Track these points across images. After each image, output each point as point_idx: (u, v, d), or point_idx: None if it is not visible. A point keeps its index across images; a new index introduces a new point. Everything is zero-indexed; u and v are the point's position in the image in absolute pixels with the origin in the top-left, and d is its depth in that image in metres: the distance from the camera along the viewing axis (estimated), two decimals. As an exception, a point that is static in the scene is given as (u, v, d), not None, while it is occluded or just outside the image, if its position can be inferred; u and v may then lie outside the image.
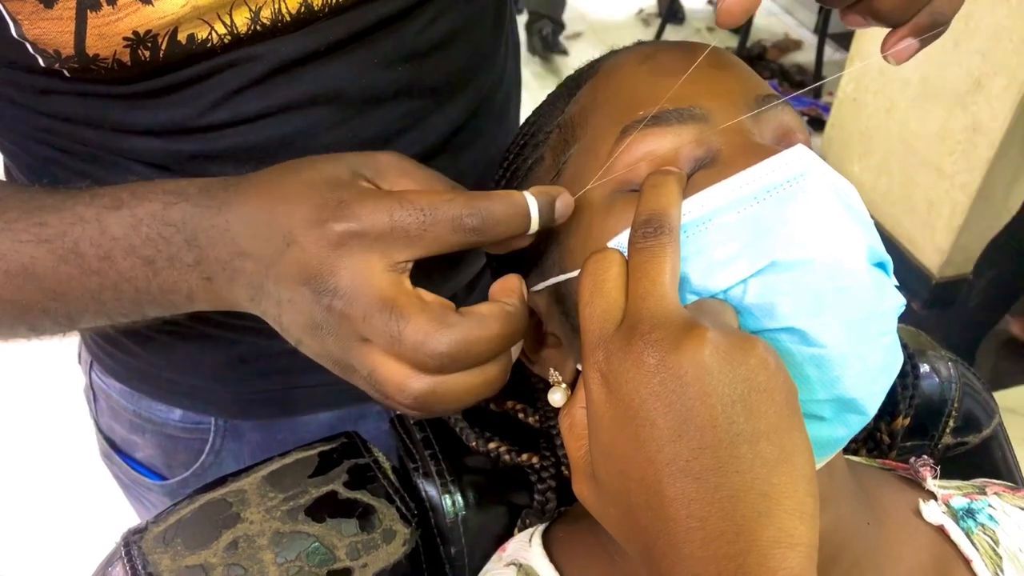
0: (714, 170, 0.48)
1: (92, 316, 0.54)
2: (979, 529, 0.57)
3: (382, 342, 0.45)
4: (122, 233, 0.50)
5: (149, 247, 0.50)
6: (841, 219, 0.44)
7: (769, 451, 0.37)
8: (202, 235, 0.49)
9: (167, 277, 0.50)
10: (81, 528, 1.91)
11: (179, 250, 0.49)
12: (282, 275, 0.47)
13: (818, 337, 0.43)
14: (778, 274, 0.43)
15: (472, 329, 0.45)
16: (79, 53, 0.51)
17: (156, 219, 0.50)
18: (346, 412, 0.80)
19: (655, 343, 0.39)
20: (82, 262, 0.51)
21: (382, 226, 0.45)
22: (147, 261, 0.50)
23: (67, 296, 0.52)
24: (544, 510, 0.58)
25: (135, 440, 0.82)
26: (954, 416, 0.70)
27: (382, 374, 0.46)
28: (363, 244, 0.45)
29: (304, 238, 0.46)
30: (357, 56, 0.60)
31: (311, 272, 0.45)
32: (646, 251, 0.43)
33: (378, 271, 0.45)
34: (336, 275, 0.45)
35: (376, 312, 0.45)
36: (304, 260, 0.46)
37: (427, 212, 0.46)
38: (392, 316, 0.44)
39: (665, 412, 0.38)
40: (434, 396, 0.46)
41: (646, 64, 0.53)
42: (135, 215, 0.50)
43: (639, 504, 0.39)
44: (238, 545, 0.55)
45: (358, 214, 0.45)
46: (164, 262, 0.50)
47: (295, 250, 0.46)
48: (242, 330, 0.71)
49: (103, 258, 0.50)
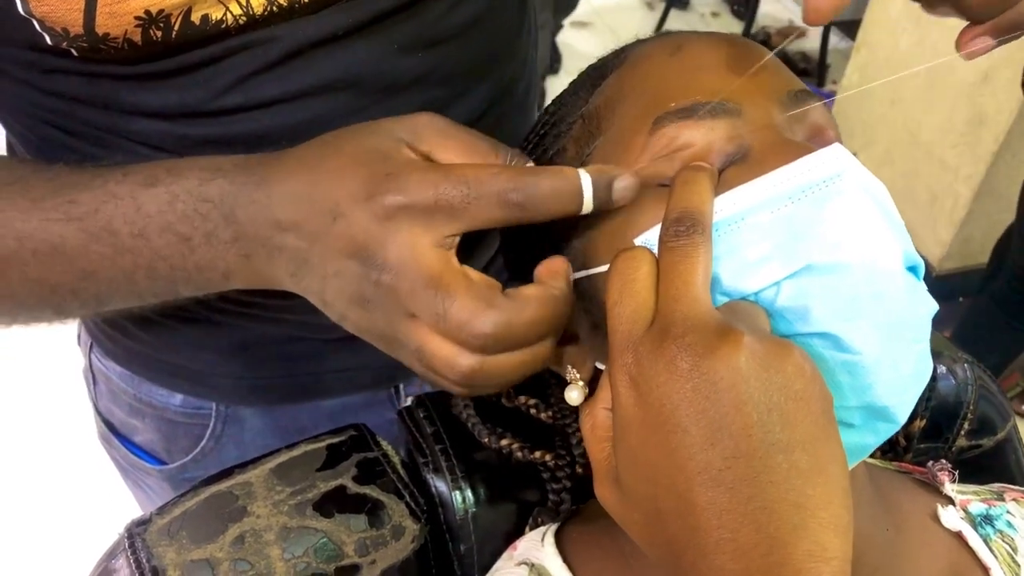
0: (745, 166, 0.46)
1: (122, 297, 0.53)
2: (997, 536, 0.56)
3: (428, 318, 0.45)
4: (157, 210, 0.49)
5: (185, 224, 0.48)
6: (878, 222, 0.43)
7: (804, 461, 0.36)
8: (241, 211, 0.48)
9: (204, 254, 0.49)
10: (78, 511, 1.89)
11: (216, 226, 0.48)
12: (328, 249, 0.46)
13: (852, 343, 0.41)
14: (813, 277, 0.42)
15: (517, 311, 0.45)
16: (88, 32, 0.49)
17: (193, 195, 0.48)
18: (350, 400, 0.79)
19: (688, 347, 0.38)
20: (115, 240, 0.49)
21: (427, 200, 0.44)
22: (183, 238, 0.49)
23: (97, 276, 0.51)
24: (559, 510, 0.57)
25: (134, 424, 0.81)
26: (969, 419, 0.69)
27: (430, 350, 0.45)
28: (410, 217, 0.44)
29: (352, 211, 0.45)
30: (376, 41, 0.59)
31: (359, 245, 0.45)
32: (678, 250, 0.42)
33: (425, 246, 0.45)
34: (385, 249, 0.44)
35: (422, 288, 0.44)
36: (352, 233, 0.45)
37: (471, 186, 0.45)
38: (438, 294, 0.44)
39: (698, 419, 0.37)
40: (482, 374, 0.46)
41: (676, 55, 0.51)
42: (171, 191, 0.49)
43: (667, 512, 0.38)
44: (245, 539, 0.53)
45: (405, 187, 0.44)
46: (201, 239, 0.49)
47: (342, 223, 0.45)
48: (247, 316, 0.70)
49: (137, 236, 0.49)
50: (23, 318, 0.56)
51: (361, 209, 0.45)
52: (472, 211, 0.45)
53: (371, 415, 0.79)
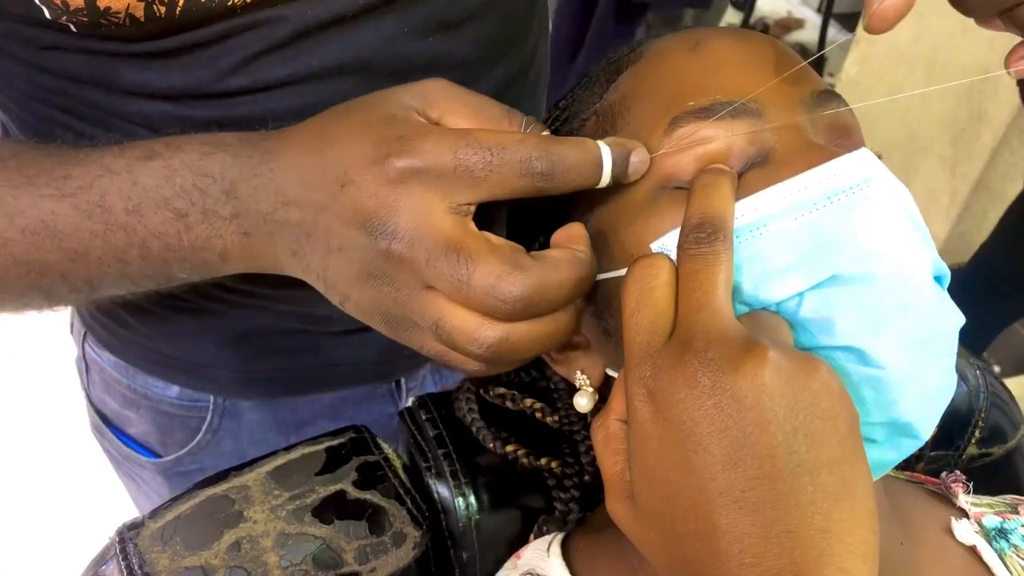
0: (768, 170, 0.45)
1: (114, 280, 0.51)
2: (1012, 551, 0.55)
3: (448, 288, 0.42)
4: (154, 184, 0.46)
5: (183, 199, 0.46)
6: (906, 231, 0.42)
7: (831, 484, 0.35)
8: (242, 185, 0.45)
9: (200, 232, 0.47)
10: (69, 503, 1.87)
11: (215, 202, 0.46)
12: (334, 219, 0.43)
13: (878, 357, 0.40)
14: (838, 288, 0.40)
15: (546, 272, 0.43)
16: (89, 5, 0.47)
17: (192, 169, 0.46)
18: (349, 393, 0.77)
19: (710, 362, 0.36)
20: (108, 217, 0.47)
21: (445, 164, 0.42)
22: (179, 215, 0.46)
23: (88, 256, 0.48)
24: (566, 520, 0.55)
25: (128, 415, 0.79)
26: (980, 427, 0.68)
27: (451, 323, 0.42)
28: (424, 182, 0.42)
29: (360, 177, 0.42)
30: (387, 23, 0.56)
31: (367, 212, 0.42)
32: (699, 258, 0.40)
33: (440, 211, 0.42)
34: (395, 215, 0.42)
35: (442, 255, 0.41)
36: (359, 200, 0.42)
37: (494, 152, 0.42)
38: (460, 259, 0.41)
39: (720, 438, 0.35)
40: (508, 344, 0.43)
41: (695, 51, 0.49)
42: (169, 165, 0.46)
43: (686, 533, 0.36)
44: (241, 546, 0.52)
45: (420, 149, 0.42)
46: (198, 215, 0.46)
47: (350, 190, 0.42)
48: (247, 306, 0.68)
49: (131, 212, 0.47)
50: (11, 304, 0.54)
51: (371, 173, 0.42)
52: (494, 179, 0.42)
53: (371, 409, 0.77)
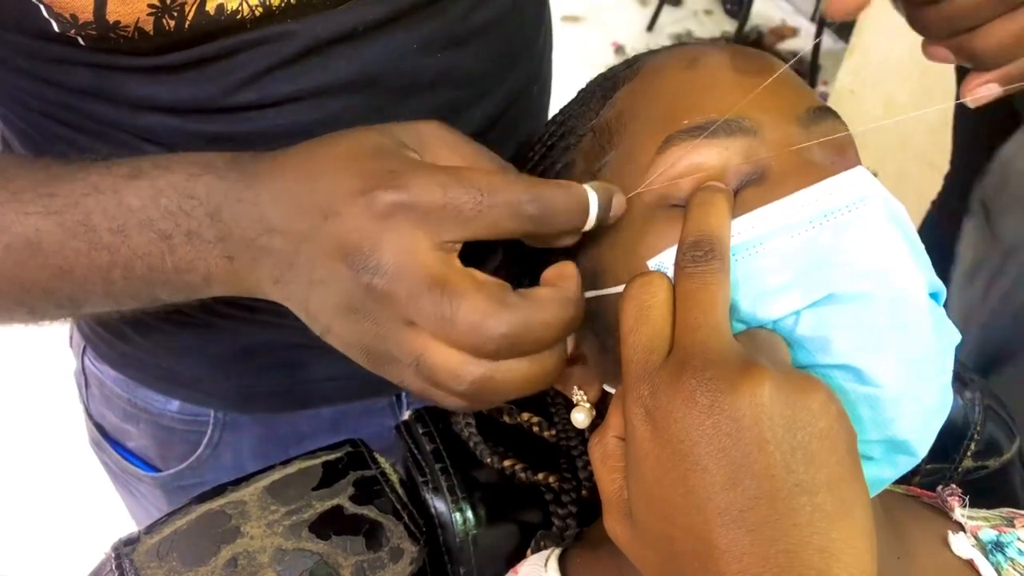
0: (764, 188, 0.45)
1: (99, 298, 0.50)
2: (1009, 564, 0.55)
3: (431, 325, 0.41)
4: (139, 205, 0.46)
5: (168, 220, 0.46)
6: (902, 250, 0.42)
7: (829, 503, 0.35)
8: (227, 209, 0.45)
9: (184, 255, 0.46)
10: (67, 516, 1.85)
11: (200, 225, 0.45)
12: (316, 251, 0.43)
13: (875, 376, 0.40)
14: (835, 307, 0.40)
15: (533, 311, 0.42)
16: (98, 19, 0.47)
17: (178, 191, 0.46)
18: (350, 407, 0.77)
19: (708, 381, 0.36)
20: (92, 236, 0.47)
21: (434, 201, 0.41)
22: (164, 236, 0.46)
23: (73, 274, 0.48)
24: (564, 536, 0.55)
25: (128, 429, 0.79)
26: (976, 440, 0.68)
27: (432, 360, 0.42)
28: (411, 219, 0.41)
29: (346, 209, 0.42)
30: (397, 40, 0.56)
31: (350, 246, 0.41)
32: (696, 277, 0.40)
33: (424, 248, 0.41)
34: (379, 250, 0.41)
35: (425, 291, 0.41)
36: (343, 233, 0.42)
37: (485, 193, 0.42)
38: (444, 295, 0.40)
39: (718, 457, 0.36)
40: (491, 383, 0.42)
41: (691, 69, 0.50)
42: (155, 186, 0.46)
43: (684, 553, 0.37)
44: (238, 562, 0.52)
45: (409, 185, 0.41)
46: (182, 237, 0.46)
47: (334, 222, 0.42)
48: (248, 321, 0.68)
49: (116, 232, 0.46)
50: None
51: (356, 206, 0.41)
52: (483, 219, 0.42)
53: (372, 422, 0.77)
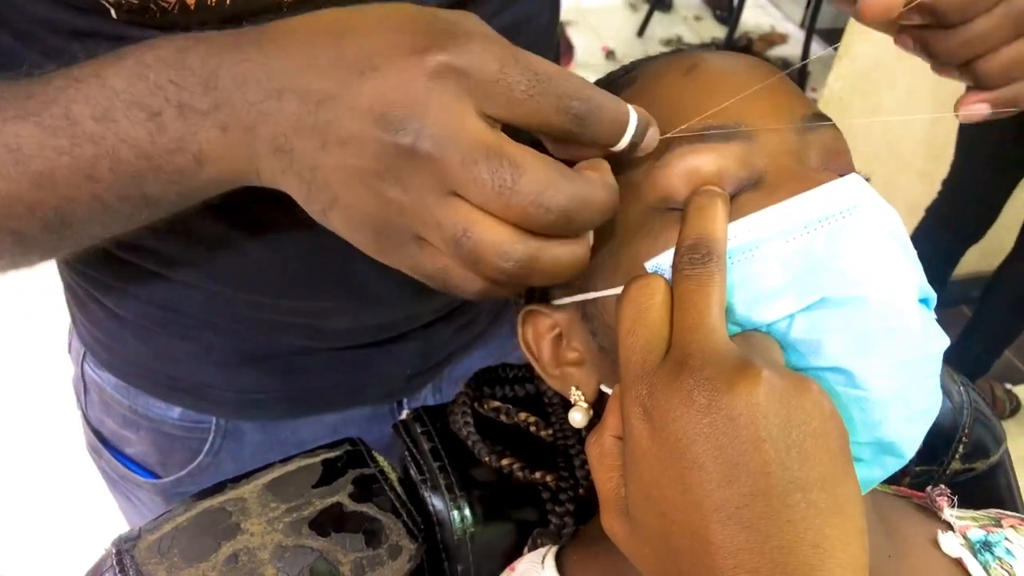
0: (760, 193, 0.46)
1: (85, 207, 0.46)
2: (996, 563, 0.56)
3: (485, 193, 0.38)
4: (124, 85, 0.42)
5: (156, 95, 0.42)
6: (894, 256, 0.43)
7: (823, 500, 0.36)
8: (225, 73, 0.41)
9: (174, 132, 0.42)
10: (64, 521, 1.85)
11: (192, 96, 0.42)
12: (343, 109, 0.39)
13: (865, 379, 0.41)
14: (828, 311, 0.41)
15: (589, 188, 0.40)
16: None
17: (167, 63, 0.42)
18: (350, 414, 0.78)
19: (705, 381, 0.37)
20: (75, 129, 0.43)
21: (489, 73, 0.38)
22: (152, 114, 0.42)
23: (55, 178, 0.44)
24: (561, 534, 0.56)
25: (127, 435, 0.79)
26: (964, 442, 0.69)
27: (479, 234, 0.39)
28: (461, 85, 0.38)
29: (390, 65, 0.38)
30: None
31: (390, 104, 0.38)
32: (694, 279, 0.41)
33: (473, 116, 0.39)
34: (425, 111, 0.38)
35: (481, 157, 0.38)
36: (383, 90, 0.38)
37: (540, 79, 0.39)
38: (504, 161, 0.38)
39: (715, 455, 0.36)
40: (537, 264, 0.40)
41: (689, 75, 0.51)
42: (142, 61, 0.43)
43: (681, 549, 0.37)
44: (239, 558, 0.52)
45: (467, 50, 0.38)
46: (173, 112, 0.42)
47: (372, 78, 0.38)
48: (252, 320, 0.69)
49: (100, 118, 0.43)
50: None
51: (404, 63, 0.38)
52: (530, 105, 0.39)
53: (372, 429, 0.77)
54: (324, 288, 0.67)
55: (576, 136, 0.41)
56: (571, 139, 0.42)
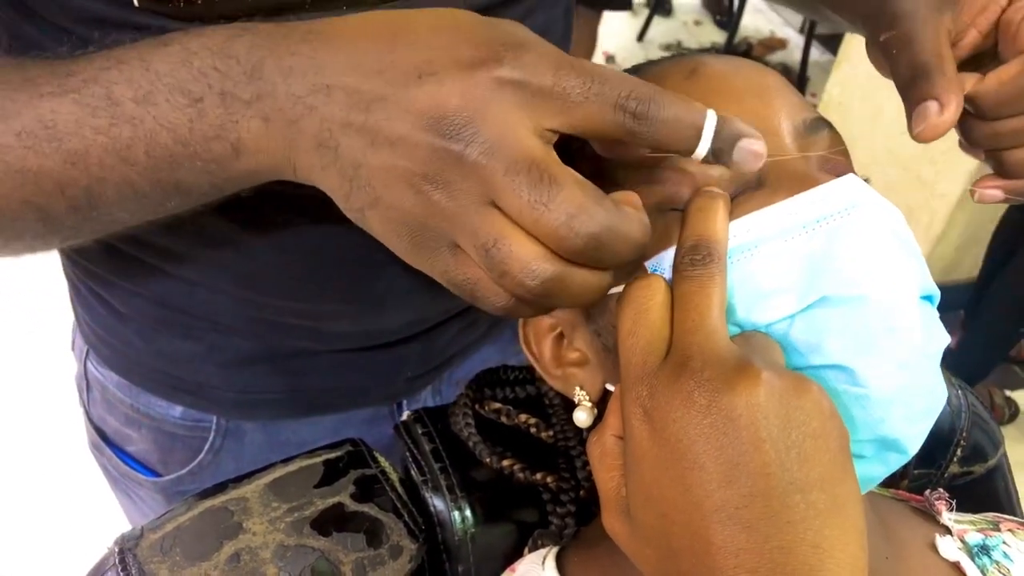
0: (760, 193, 0.46)
1: (115, 191, 0.46)
2: (994, 567, 0.56)
3: (523, 208, 0.38)
4: (168, 69, 0.42)
5: (199, 82, 0.42)
6: (895, 254, 0.43)
7: (822, 501, 0.36)
8: (272, 65, 0.41)
9: (214, 119, 0.42)
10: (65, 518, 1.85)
11: (236, 84, 0.42)
12: (396, 110, 0.39)
13: (866, 378, 0.41)
14: (828, 310, 0.42)
15: (623, 220, 0.40)
16: None
17: (213, 52, 0.42)
18: (351, 415, 0.78)
19: (706, 382, 0.37)
20: (114, 110, 0.43)
21: (544, 82, 0.39)
22: (194, 100, 0.42)
23: (89, 158, 0.44)
24: (562, 535, 0.56)
25: (129, 433, 0.79)
26: (962, 446, 0.69)
27: (510, 247, 0.39)
28: (518, 96, 0.39)
29: (449, 72, 0.39)
30: None
31: (447, 110, 0.39)
32: (694, 280, 0.41)
33: (526, 129, 0.39)
34: (480, 120, 0.38)
35: (525, 171, 0.38)
36: (440, 95, 0.39)
37: (595, 80, 0.39)
38: (544, 178, 0.38)
39: (715, 456, 0.37)
40: (560, 287, 0.40)
41: (691, 79, 0.51)
42: (187, 48, 0.43)
43: (681, 549, 0.38)
44: (240, 558, 0.52)
45: (523, 62, 0.39)
46: (215, 99, 0.42)
47: (430, 83, 0.39)
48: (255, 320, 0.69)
49: (141, 101, 0.43)
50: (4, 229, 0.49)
51: (464, 72, 0.39)
52: (587, 107, 0.39)
53: (373, 431, 0.78)
54: (328, 291, 0.67)
55: (640, 137, 0.41)
56: (636, 141, 0.42)
